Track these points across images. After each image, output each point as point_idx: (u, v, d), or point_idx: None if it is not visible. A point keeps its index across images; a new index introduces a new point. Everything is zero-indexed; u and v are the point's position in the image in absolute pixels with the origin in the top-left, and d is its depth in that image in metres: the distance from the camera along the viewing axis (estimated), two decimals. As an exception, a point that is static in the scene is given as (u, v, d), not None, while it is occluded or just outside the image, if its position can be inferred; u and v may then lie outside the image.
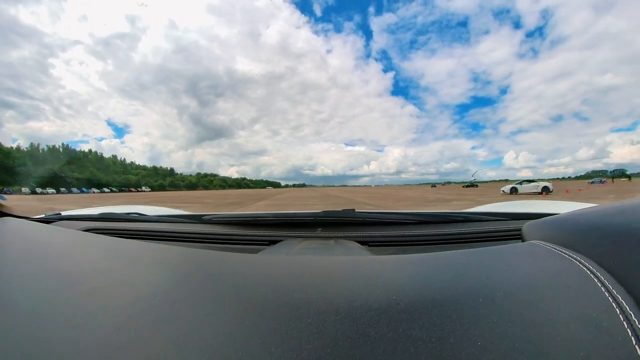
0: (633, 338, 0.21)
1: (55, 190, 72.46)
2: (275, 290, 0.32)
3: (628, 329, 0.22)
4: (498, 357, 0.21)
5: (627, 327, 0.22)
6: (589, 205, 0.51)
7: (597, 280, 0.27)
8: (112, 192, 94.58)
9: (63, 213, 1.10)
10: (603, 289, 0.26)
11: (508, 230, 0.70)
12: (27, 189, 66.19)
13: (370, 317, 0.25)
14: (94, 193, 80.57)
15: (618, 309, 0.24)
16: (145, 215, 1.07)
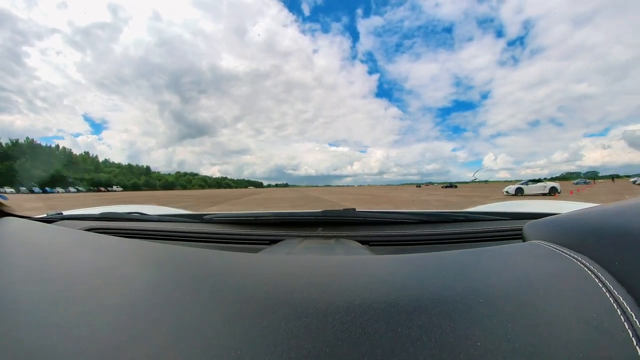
0: (634, 339, 0.21)
1: (15, 190, 65.60)
2: (276, 290, 0.32)
3: (629, 330, 0.22)
4: (498, 357, 0.21)
5: (627, 327, 0.22)
6: (590, 206, 0.50)
7: (597, 281, 0.27)
8: (78, 191, 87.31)
9: (64, 213, 1.10)
10: (604, 289, 0.26)
11: (509, 230, 0.70)
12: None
13: (370, 316, 0.26)
14: (58, 193, 73.93)
15: (619, 310, 0.24)
16: (147, 215, 1.06)
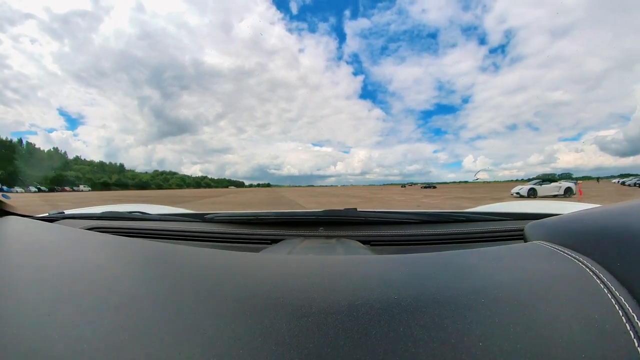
0: (635, 340, 0.21)
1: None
2: (277, 289, 0.32)
3: (630, 331, 0.22)
4: (500, 357, 0.21)
5: (629, 328, 0.22)
6: (592, 206, 0.50)
7: (599, 282, 0.27)
8: (40, 191, 79.51)
9: (66, 212, 1.09)
10: (605, 290, 0.26)
11: (510, 231, 0.70)
12: None
13: (372, 316, 0.25)
14: (17, 192, 66.63)
15: (620, 311, 0.24)
16: (148, 214, 1.07)
